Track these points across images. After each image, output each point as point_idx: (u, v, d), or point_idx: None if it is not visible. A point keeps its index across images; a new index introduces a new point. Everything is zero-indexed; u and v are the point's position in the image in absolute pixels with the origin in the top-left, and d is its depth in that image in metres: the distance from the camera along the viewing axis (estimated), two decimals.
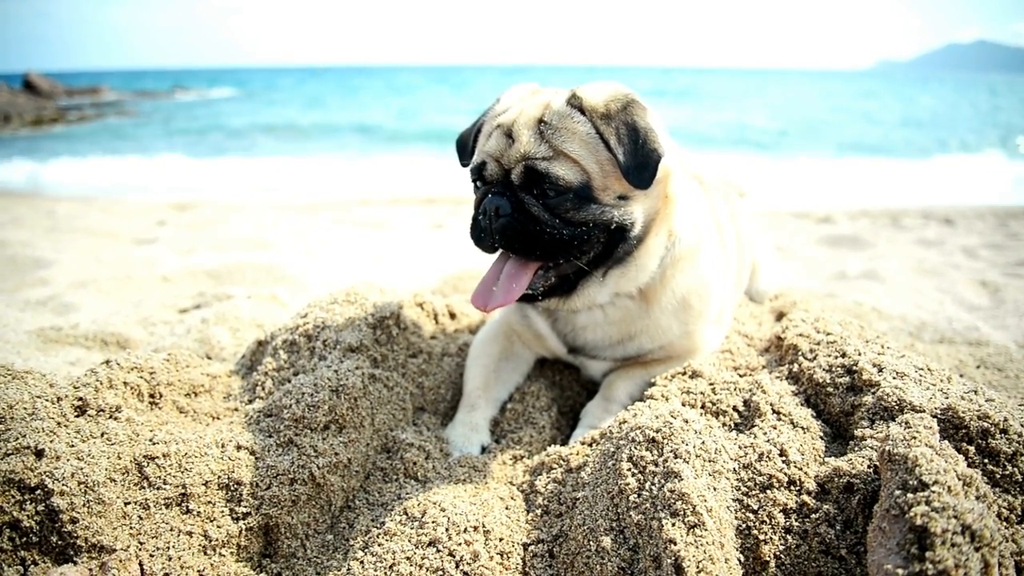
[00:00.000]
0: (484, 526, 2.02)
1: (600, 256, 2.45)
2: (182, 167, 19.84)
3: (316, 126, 30.45)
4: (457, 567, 1.89)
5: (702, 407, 2.38)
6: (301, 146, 23.85)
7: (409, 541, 1.96)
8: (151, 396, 2.47)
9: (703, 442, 2.00)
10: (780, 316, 3.64)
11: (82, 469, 1.93)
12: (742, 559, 1.82)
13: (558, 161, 2.29)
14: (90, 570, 1.81)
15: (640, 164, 2.27)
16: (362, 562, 1.94)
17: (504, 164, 2.37)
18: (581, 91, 2.39)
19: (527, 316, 2.92)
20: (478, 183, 2.50)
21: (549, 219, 2.31)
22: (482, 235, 2.39)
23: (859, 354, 2.42)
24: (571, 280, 2.49)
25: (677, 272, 2.64)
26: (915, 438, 1.75)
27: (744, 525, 1.87)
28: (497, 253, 2.51)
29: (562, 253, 2.37)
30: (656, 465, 1.92)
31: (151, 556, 1.90)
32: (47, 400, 2.19)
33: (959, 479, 1.62)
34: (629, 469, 1.95)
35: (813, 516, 1.86)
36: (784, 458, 2.01)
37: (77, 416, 2.21)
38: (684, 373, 2.61)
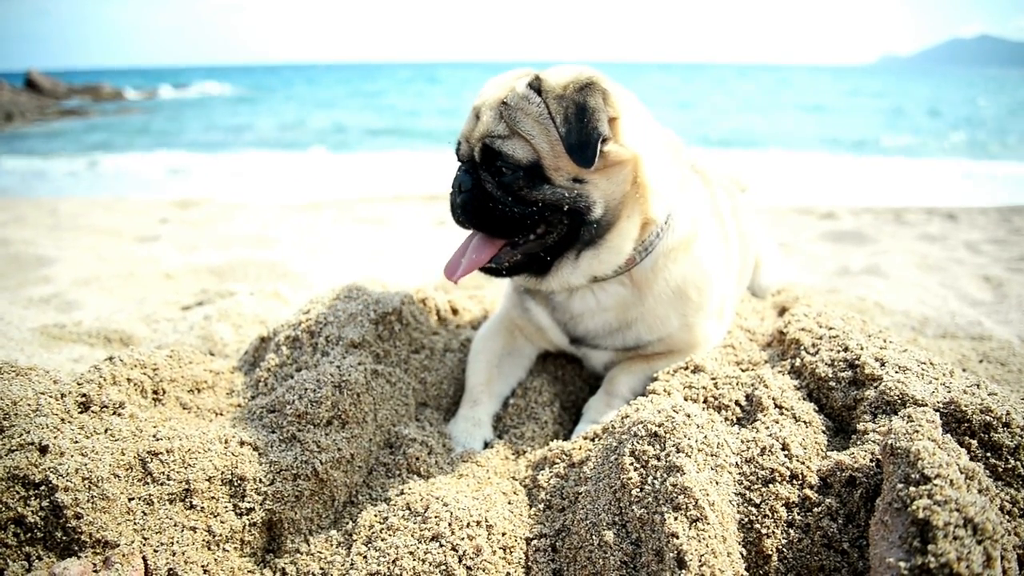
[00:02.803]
0: (487, 521, 2.02)
1: (566, 238, 2.51)
2: (187, 163, 19.90)
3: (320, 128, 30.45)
4: (460, 562, 1.89)
5: (704, 401, 2.38)
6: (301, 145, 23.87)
7: (412, 536, 1.97)
8: (154, 392, 2.48)
9: (705, 436, 2.00)
10: (782, 311, 3.64)
11: (86, 465, 1.93)
12: (745, 553, 1.82)
13: (511, 140, 2.37)
14: (94, 565, 1.82)
15: (582, 142, 2.29)
16: (365, 557, 1.95)
17: (471, 143, 2.49)
18: (543, 74, 2.44)
19: (528, 309, 2.93)
20: (457, 162, 2.62)
21: (502, 196, 2.41)
22: (452, 209, 2.54)
23: (861, 348, 2.42)
24: (543, 260, 2.56)
25: (669, 262, 2.64)
26: (918, 432, 1.74)
27: (746, 519, 1.88)
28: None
29: (515, 231, 2.47)
30: (658, 459, 1.92)
31: (155, 551, 1.90)
32: (51, 396, 2.19)
33: (961, 473, 1.61)
34: (631, 463, 1.95)
35: (815, 510, 1.86)
36: (786, 452, 2.01)
37: (81, 412, 2.21)
38: (686, 368, 2.60)
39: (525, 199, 2.39)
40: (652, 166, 2.52)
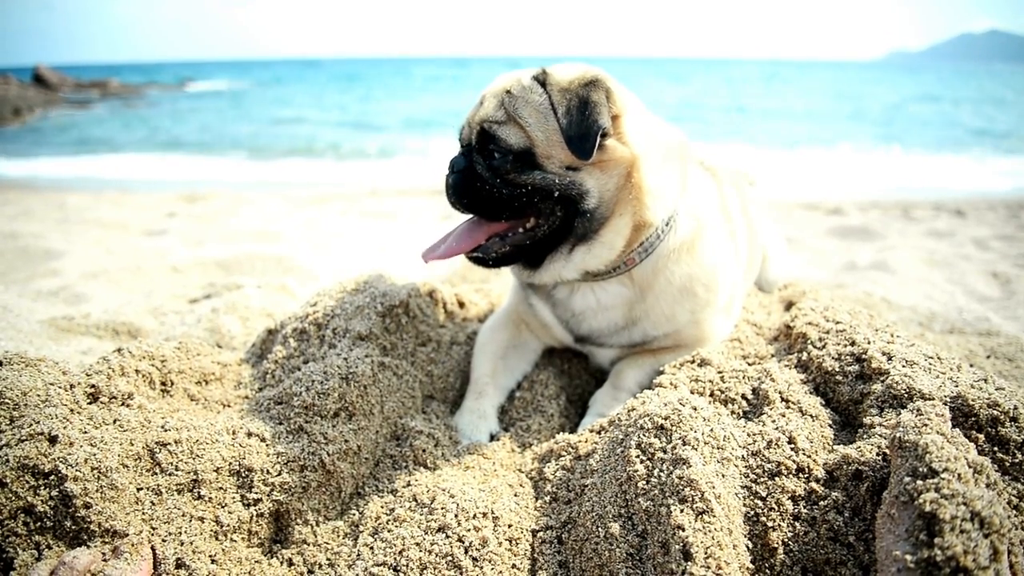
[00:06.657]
0: (493, 512, 2.03)
1: (559, 231, 2.53)
2: (193, 157, 19.95)
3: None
4: (466, 553, 1.90)
5: (711, 395, 2.37)
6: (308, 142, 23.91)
7: (419, 527, 1.97)
8: (162, 384, 2.49)
9: (712, 429, 2.00)
10: (789, 305, 3.63)
11: (95, 455, 1.95)
12: (750, 545, 1.82)
13: (507, 125, 2.43)
14: (103, 554, 1.83)
15: (582, 134, 2.33)
16: (372, 548, 1.95)
17: (471, 127, 2.55)
18: (550, 68, 2.50)
19: (532, 305, 2.93)
20: (459, 145, 2.69)
21: (490, 177, 2.46)
22: (445, 189, 2.59)
23: (868, 343, 2.41)
24: (535, 252, 2.59)
25: (671, 262, 2.64)
26: (927, 425, 1.74)
27: (752, 512, 1.88)
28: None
29: (502, 212, 2.50)
30: (665, 452, 1.92)
31: (163, 541, 1.91)
32: (60, 387, 2.20)
33: (970, 467, 1.61)
34: (638, 456, 1.95)
35: (821, 503, 1.86)
36: (793, 446, 2.00)
37: (90, 403, 2.23)
38: (693, 361, 2.60)
39: (512, 182, 2.44)
40: (651, 168, 2.51)
